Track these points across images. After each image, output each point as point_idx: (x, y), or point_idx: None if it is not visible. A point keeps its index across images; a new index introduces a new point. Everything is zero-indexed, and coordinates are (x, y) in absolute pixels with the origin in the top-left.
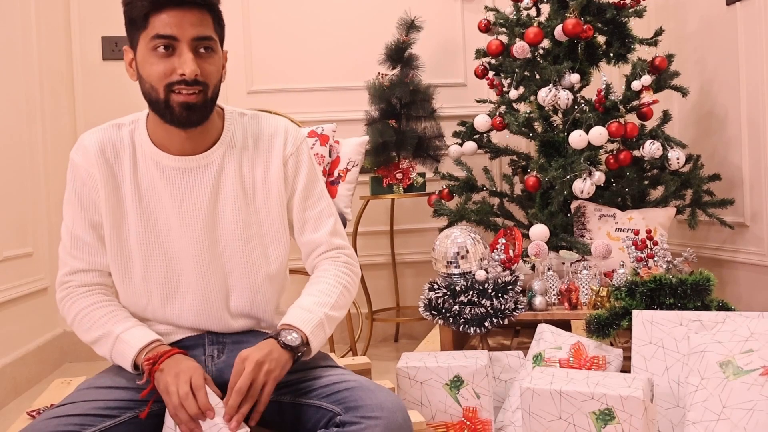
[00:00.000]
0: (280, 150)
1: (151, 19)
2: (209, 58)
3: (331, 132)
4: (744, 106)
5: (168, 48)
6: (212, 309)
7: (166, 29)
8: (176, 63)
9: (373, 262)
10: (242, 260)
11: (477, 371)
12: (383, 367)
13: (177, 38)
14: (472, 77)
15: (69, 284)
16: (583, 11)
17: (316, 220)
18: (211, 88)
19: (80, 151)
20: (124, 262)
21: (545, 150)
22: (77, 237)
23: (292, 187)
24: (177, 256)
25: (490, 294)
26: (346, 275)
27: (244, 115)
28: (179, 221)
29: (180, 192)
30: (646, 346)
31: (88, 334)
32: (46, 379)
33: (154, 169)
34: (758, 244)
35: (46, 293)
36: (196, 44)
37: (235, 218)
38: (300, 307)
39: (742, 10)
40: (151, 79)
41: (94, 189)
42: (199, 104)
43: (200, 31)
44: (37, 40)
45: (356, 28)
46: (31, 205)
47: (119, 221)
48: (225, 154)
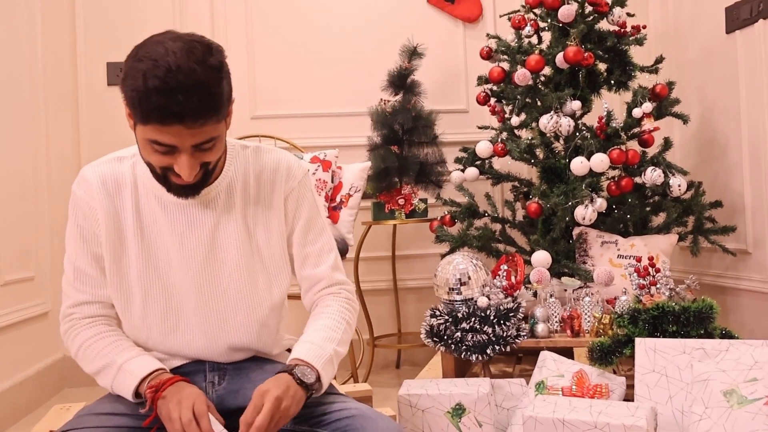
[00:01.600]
0: (282, 185)
1: (148, 123)
2: (211, 150)
3: (334, 158)
4: (745, 133)
5: (166, 151)
6: (213, 343)
7: (164, 138)
8: (174, 161)
9: (374, 288)
10: (247, 295)
11: (479, 399)
12: (384, 394)
13: (175, 146)
14: (474, 104)
15: (72, 316)
16: (584, 39)
17: (317, 255)
18: (213, 163)
19: (82, 184)
20: (124, 297)
21: (547, 176)
22: (80, 269)
23: (293, 221)
24: (177, 291)
25: (492, 321)
26: (348, 311)
27: (246, 148)
28: (180, 256)
29: (181, 226)
30: (649, 375)
31: (92, 365)
32: (46, 405)
33: (155, 204)
34: (761, 271)
35: (47, 318)
36: (196, 147)
37: (238, 253)
38: (311, 342)
39: (741, 39)
40: (148, 160)
41: (95, 222)
42: (200, 182)
43: (200, 138)
44: (43, 64)
45: (359, 55)
46: (34, 230)
47: (120, 255)
48: (227, 189)
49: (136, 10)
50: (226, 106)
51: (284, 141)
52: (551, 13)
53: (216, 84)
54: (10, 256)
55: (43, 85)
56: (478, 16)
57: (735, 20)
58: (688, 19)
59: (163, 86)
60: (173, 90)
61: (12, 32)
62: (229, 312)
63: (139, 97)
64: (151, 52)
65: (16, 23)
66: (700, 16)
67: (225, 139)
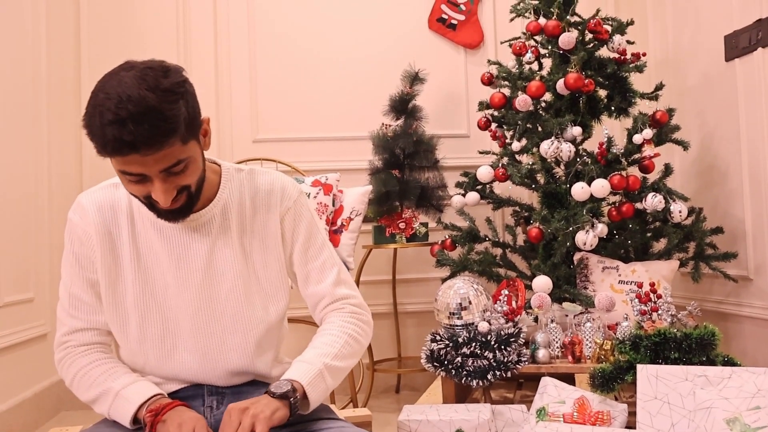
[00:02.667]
0: (277, 206)
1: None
2: (184, 172)
3: (335, 181)
4: (745, 159)
5: (138, 180)
6: (211, 366)
7: (131, 168)
8: (150, 188)
9: (375, 312)
10: (244, 317)
11: (479, 425)
12: (384, 419)
13: (145, 174)
14: (475, 129)
15: (68, 344)
16: (585, 66)
17: (318, 271)
18: (194, 185)
19: (78, 211)
20: (121, 322)
21: (548, 201)
22: (75, 296)
23: (292, 240)
24: (173, 315)
25: (493, 346)
26: (352, 324)
27: (241, 171)
28: (176, 280)
29: (177, 250)
30: (651, 402)
31: (87, 394)
32: (43, 428)
33: (150, 229)
34: (762, 298)
35: (45, 339)
36: (166, 172)
37: (234, 275)
38: (301, 360)
39: (740, 66)
40: (128, 190)
41: (90, 248)
42: (185, 205)
43: (167, 163)
44: (47, 85)
45: (361, 79)
46: (34, 251)
47: (115, 281)
48: (222, 212)
49: (140, 24)
50: (186, 126)
51: (286, 164)
52: (552, 40)
53: (169, 107)
54: (10, 276)
55: (47, 105)
56: (479, 43)
57: (734, 48)
58: (687, 47)
59: (115, 118)
60: (124, 120)
61: (16, 51)
62: (227, 334)
63: (93, 132)
64: (106, 86)
65: (20, 43)
66: (700, 44)
67: (201, 160)
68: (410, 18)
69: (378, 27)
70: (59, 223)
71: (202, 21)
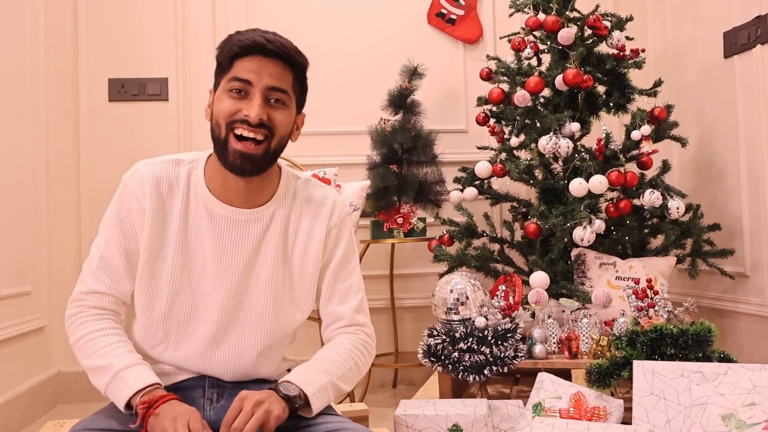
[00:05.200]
0: (326, 219)
1: (235, 63)
2: (279, 108)
3: (333, 176)
4: (743, 156)
5: (241, 92)
6: (221, 360)
7: (244, 73)
8: (245, 105)
9: (372, 307)
10: (267, 320)
11: (476, 420)
12: (381, 413)
13: (252, 83)
14: (474, 124)
15: (83, 302)
16: (584, 62)
17: (344, 293)
18: (276, 138)
19: (135, 179)
20: (150, 296)
21: (546, 197)
22: (106, 259)
23: (330, 256)
24: (204, 302)
25: (490, 341)
26: (360, 352)
27: (298, 178)
28: (215, 269)
29: (223, 241)
30: (647, 398)
31: (88, 361)
32: (39, 421)
33: (203, 213)
34: (759, 295)
35: (42, 332)
36: (268, 93)
37: (271, 278)
38: (307, 367)
39: (739, 63)
40: (218, 115)
41: (139, 218)
42: (258, 155)
43: (276, 82)
44: (45, 80)
45: (359, 74)
46: (32, 244)
47: (156, 256)
48: (274, 214)
49: (139, 28)
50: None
51: (284, 159)
52: (551, 36)
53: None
54: (7, 270)
55: (45, 100)
56: (478, 38)
57: (733, 45)
58: (686, 44)
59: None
60: (266, 32)
61: (15, 48)
62: (245, 333)
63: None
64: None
65: (18, 39)
66: (699, 41)
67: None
68: (409, 12)
69: (377, 21)
70: (57, 216)
71: (201, 15)
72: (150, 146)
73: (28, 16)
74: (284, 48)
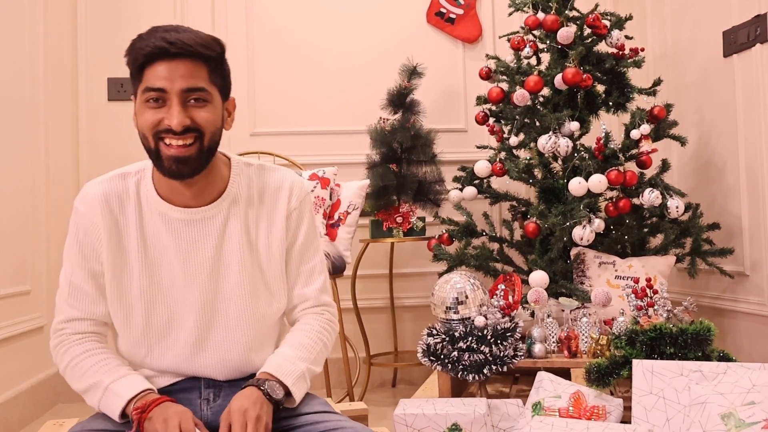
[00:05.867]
0: (285, 204)
1: (144, 71)
2: (201, 107)
3: (332, 175)
4: (742, 155)
5: (158, 100)
6: (211, 360)
7: (155, 82)
8: (165, 114)
9: (371, 306)
10: (247, 313)
11: (475, 419)
12: (380, 413)
13: (166, 90)
14: (473, 123)
15: (63, 332)
16: (583, 61)
17: (308, 274)
18: (206, 136)
19: (84, 201)
20: (125, 313)
21: (545, 196)
22: (75, 286)
23: (292, 239)
24: (180, 308)
25: (489, 340)
26: (327, 332)
27: (250, 165)
28: (184, 273)
29: (185, 244)
30: (646, 397)
31: (79, 384)
32: (38, 420)
33: (159, 221)
34: (758, 294)
35: (42, 332)
36: (185, 96)
37: (240, 270)
38: (283, 357)
39: (739, 62)
40: (143, 128)
41: (96, 239)
42: (193, 156)
43: (190, 82)
44: (44, 79)
45: (359, 73)
46: (31, 243)
47: (121, 273)
48: (230, 207)
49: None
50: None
51: (283, 158)
52: (550, 35)
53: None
54: (7, 269)
55: (44, 100)
56: (477, 37)
57: (732, 44)
58: (686, 43)
59: (160, 29)
60: (167, 30)
61: (14, 47)
62: (229, 329)
63: (134, 44)
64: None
65: (17, 38)
66: (698, 40)
67: (220, 120)
68: (408, 11)
69: (376, 20)
70: (56, 216)
71: (199, 14)
72: None
73: (27, 15)
74: (188, 46)
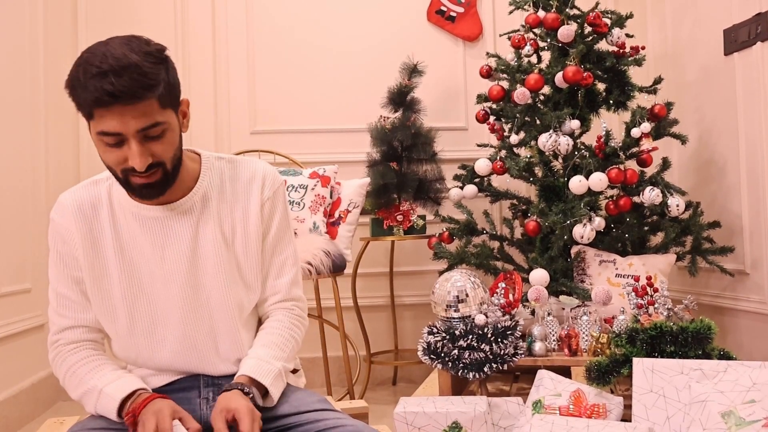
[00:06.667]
0: (258, 194)
1: (95, 114)
2: (160, 139)
3: (333, 173)
4: (743, 154)
5: (116, 142)
6: (201, 354)
7: (109, 126)
8: (127, 153)
9: (372, 304)
10: (227, 303)
11: (476, 417)
12: (381, 411)
13: (121, 134)
14: (474, 121)
15: (58, 343)
16: (584, 59)
17: (280, 266)
18: (169, 162)
19: (58, 210)
20: (109, 316)
21: (545, 195)
22: (62, 295)
23: (265, 230)
24: (162, 306)
25: (490, 339)
26: (297, 328)
27: (221, 159)
28: (162, 270)
29: (161, 240)
30: (647, 395)
31: (76, 391)
32: (39, 418)
33: (133, 221)
34: (759, 292)
35: (42, 330)
36: (143, 134)
37: (217, 262)
38: (258, 358)
39: (740, 60)
40: (108, 164)
41: (73, 246)
42: (160, 181)
43: (144, 122)
44: (44, 78)
45: (359, 71)
46: (31, 242)
47: (100, 277)
48: (203, 199)
49: (138, 27)
50: (165, 89)
51: (283, 156)
52: (551, 33)
53: (150, 66)
54: (7, 267)
55: (44, 98)
56: (478, 35)
57: (733, 42)
58: (686, 41)
59: (97, 71)
60: (106, 72)
61: (14, 47)
62: (214, 320)
63: (75, 86)
64: (91, 48)
65: (18, 39)
66: (699, 38)
67: (178, 135)
68: (409, 10)
69: (377, 19)
70: None
71: (200, 12)
72: None
73: (27, 15)
74: (133, 91)
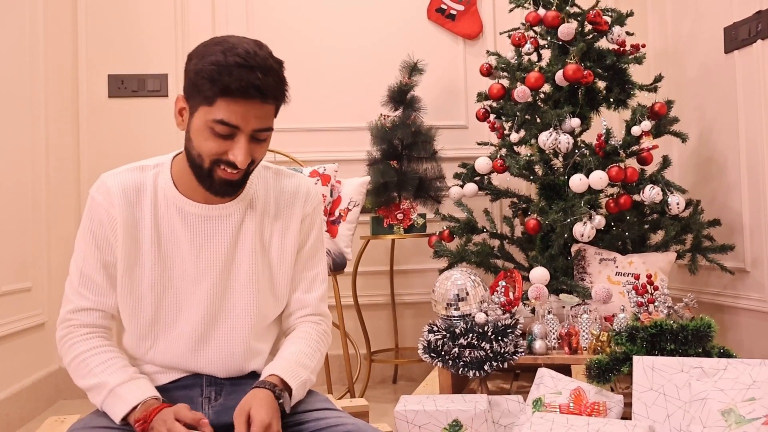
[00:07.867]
0: (300, 209)
1: (220, 100)
2: (263, 143)
3: (333, 172)
4: (743, 152)
5: (228, 134)
6: (213, 357)
7: (230, 118)
8: (230, 147)
9: (372, 302)
10: (253, 313)
11: (476, 416)
12: (381, 409)
13: (239, 128)
14: (474, 120)
15: (71, 323)
16: (584, 57)
17: (311, 281)
18: (255, 164)
19: (102, 191)
20: (134, 305)
21: (546, 193)
22: (87, 276)
23: (302, 243)
24: (187, 303)
25: (490, 337)
26: (323, 344)
27: (268, 168)
28: (195, 268)
29: (200, 238)
30: (647, 393)
31: (84, 381)
32: (40, 417)
33: (175, 215)
34: (759, 290)
35: (43, 329)
36: (255, 134)
37: (251, 269)
38: (288, 360)
39: (740, 59)
40: (201, 150)
41: (111, 230)
42: (240, 181)
43: (262, 123)
44: (45, 75)
45: (359, 70)
46: (32, 240)
47: (133, 265)
48: (247, 206)
49: (138, 24)
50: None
51: (283, 154)
52: (551, 31)
53: (283, 75)
54: (8, 266)
55: (45, 96)
56: (478, 33)
57: (733, 40)
58: (687, 39)
59: (244, 63)
60: (253, 67)
61: (14, 44)
62: (235, 328)
63: (219, 70)
64: (222, 42)
65: (18, 35)
66: (699, 36)
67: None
68: (409, 8)
69: (377, 17)
70: (57, 213)
71: (200, 10)
72: (150, 142)
73: (27, 12)
74: (275, 91)
